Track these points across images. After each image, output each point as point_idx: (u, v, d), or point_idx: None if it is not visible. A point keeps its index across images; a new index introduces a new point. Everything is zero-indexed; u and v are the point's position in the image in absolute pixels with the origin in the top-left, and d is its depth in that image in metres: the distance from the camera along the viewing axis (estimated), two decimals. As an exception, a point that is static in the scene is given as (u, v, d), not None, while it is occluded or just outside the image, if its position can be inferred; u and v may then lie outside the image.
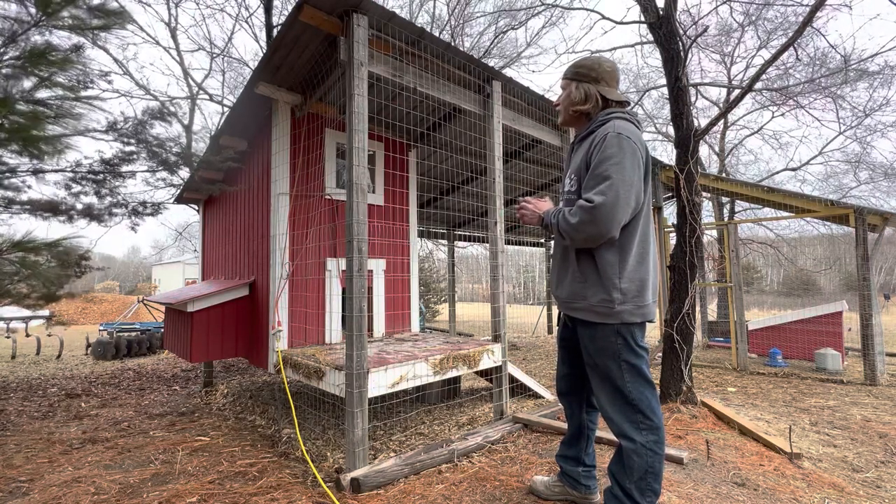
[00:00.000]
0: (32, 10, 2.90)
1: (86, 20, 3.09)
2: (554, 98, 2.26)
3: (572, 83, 1.86)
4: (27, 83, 3.13)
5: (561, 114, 1.95)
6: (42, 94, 3.24)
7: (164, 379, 6.07)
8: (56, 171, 3.61)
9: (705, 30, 6.64)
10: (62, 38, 3.12)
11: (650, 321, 1.73)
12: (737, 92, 8.47)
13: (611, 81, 1.83)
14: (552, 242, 1.97)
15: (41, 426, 3.92)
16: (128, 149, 3.72)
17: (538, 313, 11.48)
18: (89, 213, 3.82)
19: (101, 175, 3.75)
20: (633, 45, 9.06)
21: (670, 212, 7.67)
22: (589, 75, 1.83)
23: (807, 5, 6.56)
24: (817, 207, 5.89)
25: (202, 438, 3.48)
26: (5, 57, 2.88)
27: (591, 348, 1.76)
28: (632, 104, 10.10)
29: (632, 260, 1.68)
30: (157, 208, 4.25)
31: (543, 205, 1.88)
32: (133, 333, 8.98)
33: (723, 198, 10.29)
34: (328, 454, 3.06)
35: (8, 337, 8.80)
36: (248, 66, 11.04)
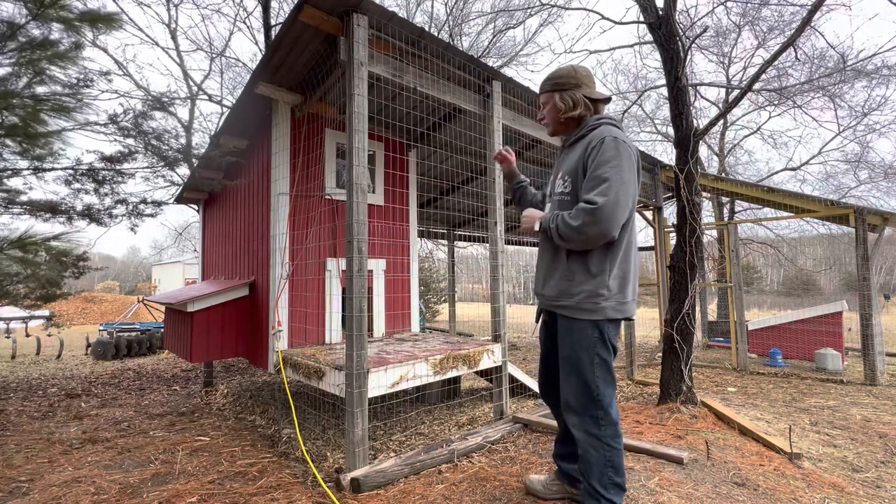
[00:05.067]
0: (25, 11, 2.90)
1: (77, 20, 3.09)
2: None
3: (555, 94, 1.90)
4: (25, 79, 3.14)
5: (550, 125, 1.98)
6: (42, 89, 3.25)
7: (164, 379, 6.06)
8: (56, 169, 3.61)
9: (704, 30, 6.64)
10: (61, 34, 3.13)
11: (629, 319, 1.80)
12: (736, 92, 8.47)
13: (590, 83, 1.89)
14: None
15: (41, 426, 3.92)
16: (128, 141, 3.72)
17: (538, 313, 11.37)
18: (89, 214, 3.83)
19: (102, 173, 3.75)
20: (632, 46, 9.07)
21: (670, 212, 7.67)
22: (569, 83, 1.87)
23: (804, 5, 6.56)
24: (817, 207, 5.89)
25: (202, 438, 3.48)
26: (6, 50, 2.88)
27: (567, 340, 1.81)
28: (630, 104, 10.11)
29: (618, 259, 1.74)
30: (157, 207, 4.26)
31: (535, 213, 1.91)
32: (133, 333, 8.97)
33: (723, 198, 10.29)
34: (328, 454, 3.06)
35: (8, 337, 8.79)
36: (247, 66, 11.04)
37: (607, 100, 1.89)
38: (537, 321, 2.11)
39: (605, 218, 1.60)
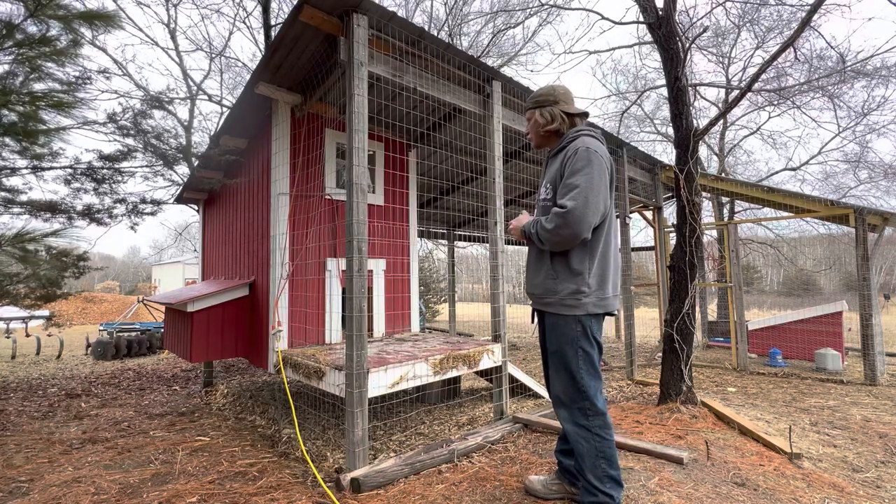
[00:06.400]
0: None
1: (75, 18, 3.09)
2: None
3: (536, 111, 2.08)
4: (22, 76, 3.14)
5: (533, 139, 2.16)
6: (40, 86, 3.25)
7: (164, 379, 6.06)
8: (55, 168, 3.61)
9: (704, 30, 6.64)
10: (58, 31, 3.12)
11: (611, 314, 1.93)
12: (735, 92, 8.47)
13: (567, 101, 2.06)
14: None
15: (41, 426, 3.92)
16: (127, 140, 3.72)
17: (538, 313, 11.35)
18: (89, 214, 3.83)
19: (101, 172, 3.75)
20: (631, 46, 9.08)
21: (670, 212, 7.67)
22: (548, 100, 2.05)
23: (802, 6, 6.56)
24: (817, 207, 5.89)
25: (202, 438, 3.48)
26: (4, 47, 2.87)
27: (552, 335, 1.93)
28: (630, 104, 10.11)
29: (597, 258, 1.87)
30: (157, 206, 4.26)
31: (523, 219, 2.05)
32: (133, 333, 8.97)
33: (723, 198, 10.29)
34: (328, 454, 3.06)
35: (8, 337, 8.79)
36: (246, 66, 11.04)
37: (584, 114, 2.05)
38: (533, 321, 2.20)
39: (576, 220, 1.74)
